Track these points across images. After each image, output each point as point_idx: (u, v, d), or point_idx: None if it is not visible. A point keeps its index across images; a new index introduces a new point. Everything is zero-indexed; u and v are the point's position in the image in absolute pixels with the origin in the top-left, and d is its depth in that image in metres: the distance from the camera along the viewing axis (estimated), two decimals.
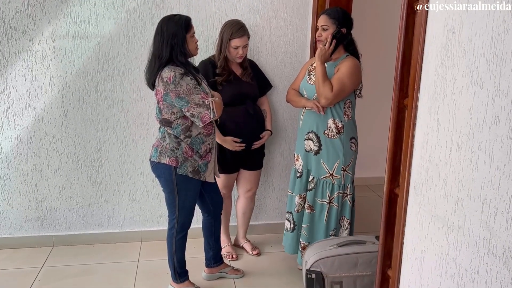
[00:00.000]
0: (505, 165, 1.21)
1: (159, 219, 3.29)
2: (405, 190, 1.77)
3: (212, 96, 2.37)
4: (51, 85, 2.96)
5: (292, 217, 2.79)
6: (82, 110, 3.03)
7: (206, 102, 2.28)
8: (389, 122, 1.92)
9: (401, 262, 1.82)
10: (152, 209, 3.27)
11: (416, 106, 1.68)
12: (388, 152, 1.94)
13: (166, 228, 2.51)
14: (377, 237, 2.15)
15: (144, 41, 2.96)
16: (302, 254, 2.72)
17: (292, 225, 2.80)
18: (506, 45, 1.19)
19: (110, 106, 3.05)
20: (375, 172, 4.12)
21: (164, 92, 2.28)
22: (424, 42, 1.62)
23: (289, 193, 2.84)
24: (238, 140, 2.78)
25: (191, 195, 2.48)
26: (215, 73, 2.75)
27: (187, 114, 2.31)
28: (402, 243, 1.81)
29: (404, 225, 1.79)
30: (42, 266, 2.95)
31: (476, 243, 1.33)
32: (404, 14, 1.79)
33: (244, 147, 2.81)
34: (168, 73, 2.26)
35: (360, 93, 2.65)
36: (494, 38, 1.24)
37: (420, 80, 1.65)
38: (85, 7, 2.88)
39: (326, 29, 2.51)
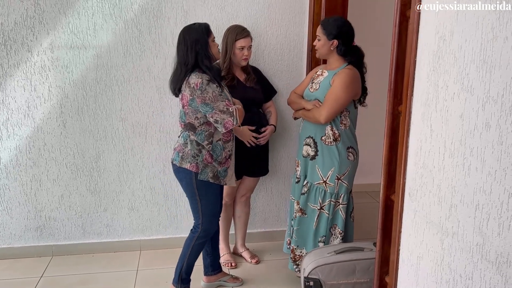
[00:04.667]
0: (496, 171, 1.21)
1: (158, 228, 3.29)
2: (400, 196, 1.77)
3: (234, 104, 2.42)
4: (50, 96, 2.98)
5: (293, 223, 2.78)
6: (80, 120, 3.04)
7: (230, 109, 2.34)
8: (384, 129, 1.93)
9: (398, 268, 1.82)
10: (151, 218, 3.28)
11: (410, 112, 1.69)
12: (383, 158, 1.96)
13: (165, 236, 2.51)
14: (375, 244, 2.15)
15: (142, 51, 2.99)
16: (291, 258, 2.72)
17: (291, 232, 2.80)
18: (495, 52, 1.21)
19: (108, 116, 3.06)
20: (374, 178, 4.11)
21: (191, 98, 2.34)
22: (416, 49, 1.64)
23: (291, 199, 2.83)
24: (253, 128, 2.80)
25: (212, 200, 2.51)
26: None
27: (211, 119, 2.35)
28: (398, 250, 1.81)
29: (400, 232, 1.79)
30: (42, 276, 2.95)
31: (470, 249, 1.34)
32: (397, 22, 1.81)
33: (255, 143, 2.82)
34: (195, 79, 2.31)
35: (363, 102, 2.64)
36: (483, 45, 1.25)
37: (413, 87, 1.66)
38: (83, 18, 2.90)
39: (319, 39, 2.53)
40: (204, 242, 2.57)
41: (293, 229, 2.76)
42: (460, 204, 1.38)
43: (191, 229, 2.58)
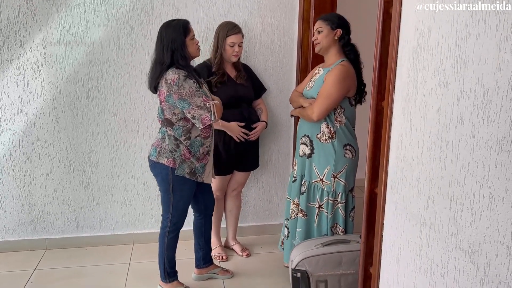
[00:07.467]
0: (469, 163, 1.26)
1: (150, 221, 3.33)
2: (383, 189, 1.82)
3: (213, 100, 2.43)
4: (43, 91, 3.01)
5: (288, 223, 2.78)
6: (73, 115, 3.08)
7: (207, 105, 2.34)
8: (368, 124, 1.98)
9: (381, 259, 1.87)
10: (143, 212, 3.32)
11: (392, 107, 1.74)
12: (368, 152, 2.01)
13: (158, 230, 2.55)
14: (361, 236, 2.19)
15: (134, 47, 3.02)
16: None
17: (287, 232, 2.79)
18: (468, 48, 1.25)
19: (100, 111, 3.10)
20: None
21: (167, 94, 2.34)
22: (397, 46, 1.68)
23: (287, 198, 2.83)
24: (242, 124, 2.84)
25: (186, 196, 2.53)
26: (210, 75, 2.82)
27: (188, 115, 2.36)
28: (381, 241, 1.86)
29: (382, 224, 1.84)
30: (35, 269, 2.99)
31: (446, 239, 1.39)
32: (381, 19, 1.86)
33: (245, 138, 2.86)
34: (172, 75, 2.32)
35: (360, 101, 2.61)
36: (458, 42, 1.30)
37: (394, 83, 1.71)
38: (75, 14, 2.93)
39: (321, 31, 2.50)
40: (176, 235, 2.59)
41: (289, 231, 2.74)
42: (437, 196, 1.43)
43: (161, 226, 2.60)
